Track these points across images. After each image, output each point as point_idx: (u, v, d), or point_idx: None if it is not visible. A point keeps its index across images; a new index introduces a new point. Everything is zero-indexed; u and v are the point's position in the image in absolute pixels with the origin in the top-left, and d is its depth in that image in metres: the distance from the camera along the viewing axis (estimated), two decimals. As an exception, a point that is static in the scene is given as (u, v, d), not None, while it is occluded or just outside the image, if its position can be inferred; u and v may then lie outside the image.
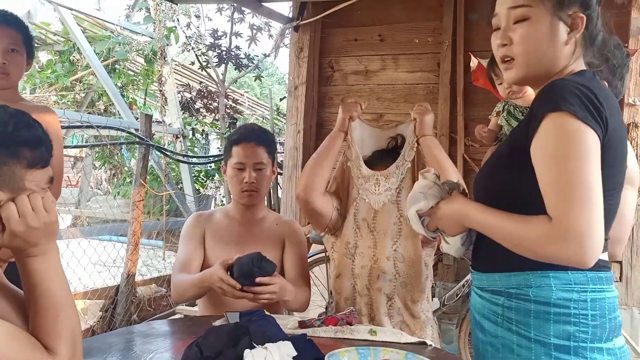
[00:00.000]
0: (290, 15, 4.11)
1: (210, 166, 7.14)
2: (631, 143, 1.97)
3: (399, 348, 1.36)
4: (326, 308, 3.44)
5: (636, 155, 1.94)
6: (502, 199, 1.10)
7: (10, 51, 1.93)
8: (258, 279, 1.61)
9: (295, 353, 1.08)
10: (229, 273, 1.63)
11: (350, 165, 1.84)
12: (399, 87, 3.83)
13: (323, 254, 3.36)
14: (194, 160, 6.50)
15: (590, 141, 0.97)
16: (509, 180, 1.10)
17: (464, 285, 2.77)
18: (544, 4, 1.08)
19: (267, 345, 1.06)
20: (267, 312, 1.54)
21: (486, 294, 1.14)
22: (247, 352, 1.04)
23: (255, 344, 1.07)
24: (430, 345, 1.60)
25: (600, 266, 1.06)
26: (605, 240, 1.08)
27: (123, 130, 3.81)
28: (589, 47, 1.13)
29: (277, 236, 1.96)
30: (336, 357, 1.19)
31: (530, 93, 2.07)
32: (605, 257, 1.10)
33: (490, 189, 1.17)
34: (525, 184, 1.04)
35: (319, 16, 3.82)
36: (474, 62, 3.01)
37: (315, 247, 3.43)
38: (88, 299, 3.41)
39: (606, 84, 1.81)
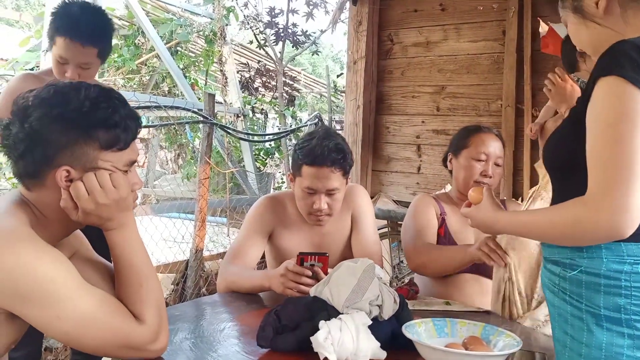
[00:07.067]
0: (348, -11, 4.06)
1: (270, 144, 7.24)
2: None
3: (470, 318, 1.35)
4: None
5: None
6: (568, 169, 1.07)
7: (82, 67, 1.85)
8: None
9: (370, 322, 1.09)
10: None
11: None
12: (462, 58, 3.71)
13: (386, 229, 3.35)
14: (256, 138, 6.60)
15: (638, 105, 0.92)
16: (572, 150, 1.06)
17: None
18: (564, 8, 1.15)
19: (341, 316, 1.08)
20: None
21: (548, 264, 1.14)
22: (322, 323, 1.06)
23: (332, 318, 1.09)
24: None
25: None
26: None
27: (188, 110, 3.91)
28: None
29: (345, 215, 1.87)
30: (412, 327, 1.20)
31: None
32: None
33: (556, 159, 1.14)
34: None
35: (377, -12, 3.75)
36: (543, 27, 2.85)
37: (377, 223, 3.43)
38: (160, 273, 3.57)
39: None
